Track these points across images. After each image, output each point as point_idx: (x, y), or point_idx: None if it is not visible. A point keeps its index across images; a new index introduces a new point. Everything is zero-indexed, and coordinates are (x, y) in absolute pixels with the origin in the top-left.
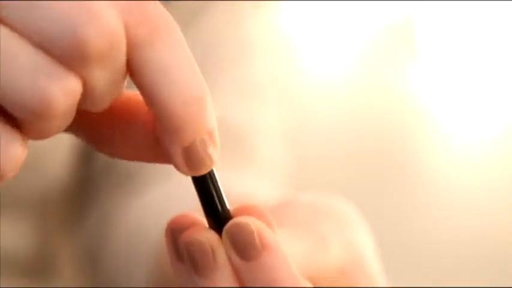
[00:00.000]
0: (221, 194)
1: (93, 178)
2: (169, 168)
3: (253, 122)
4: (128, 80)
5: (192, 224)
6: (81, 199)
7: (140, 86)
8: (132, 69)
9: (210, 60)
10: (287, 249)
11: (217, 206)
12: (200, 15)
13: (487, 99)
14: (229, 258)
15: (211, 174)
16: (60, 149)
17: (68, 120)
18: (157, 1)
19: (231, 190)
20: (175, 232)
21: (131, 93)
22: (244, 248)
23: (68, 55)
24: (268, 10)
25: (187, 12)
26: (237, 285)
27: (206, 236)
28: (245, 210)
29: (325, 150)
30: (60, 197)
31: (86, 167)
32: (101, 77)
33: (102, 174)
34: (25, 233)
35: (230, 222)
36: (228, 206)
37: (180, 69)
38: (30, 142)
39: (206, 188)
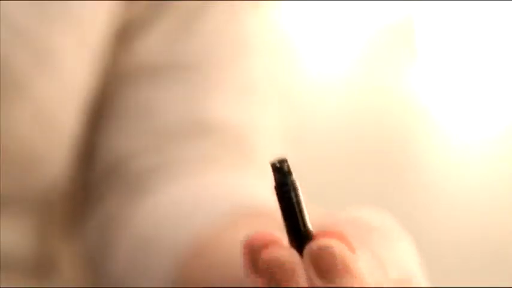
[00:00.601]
0: (304, 213)
1: (94, 179)
2: (171, 170)
3: (253, 122)
4: None
5: (273, 242)
6: (82, 200)
7: None
8: None
9: (210, 60)
10: None
11: (300, 225)
12: (200, 15)
13: (487, 99)
14: (310, 280)
15: (296, 193)
16: (60, 149)
17: None
18: None
19: (240, 194)
20: (255, 247)
21: None
22: (326, 271)
23: None
24: (268, 10)
25: (187, 12)
26: None
27: (288, 255)
28: (328, 234)
29: (325, 150)
30: (60, 198)
31: (86, 168)
32: None
33: (103, 175)
34: (25, 233)
35: (313, 244)
36: (310, 225)
37: None
38: (30, 142)
39: (290, 206)
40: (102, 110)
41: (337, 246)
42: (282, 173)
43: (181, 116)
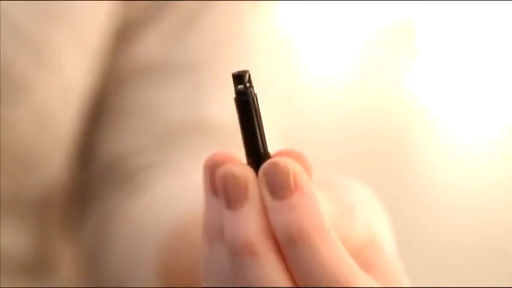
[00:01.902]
0: (264, 135)
1: (93, 179)
2: (170, 169)
3: None
4: None
5: (231, 160)
6: (81, 199)
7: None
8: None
9: (210, 60)
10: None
11: (258, 145)
12: (200, 15)
13: (487, 99)
14: (262, 196)
15: (255, 106)
16: (59, 149)
17: None
18: None
19: None
20: (214, 166)
21: None
22: (278, 187)
23: None
24: (268, 10)
25: (187, 12)
26: (264, 223)
27: (242, 170)
28: (286, 154)
29: (325, 150)
30: (60, 197)
31: (85, 168)
32: None
33: (102, 175)
34: (25, 233)
35: (268, 161)
36: (269, 148)
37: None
38: (29, 141)
39: (249, 118)
40: (101, 109)
41: (291, 164)
42: (242, 83)
43: (181, 116)
